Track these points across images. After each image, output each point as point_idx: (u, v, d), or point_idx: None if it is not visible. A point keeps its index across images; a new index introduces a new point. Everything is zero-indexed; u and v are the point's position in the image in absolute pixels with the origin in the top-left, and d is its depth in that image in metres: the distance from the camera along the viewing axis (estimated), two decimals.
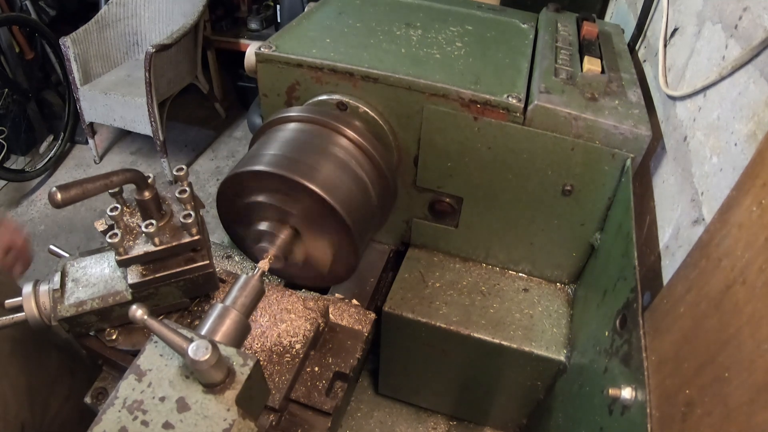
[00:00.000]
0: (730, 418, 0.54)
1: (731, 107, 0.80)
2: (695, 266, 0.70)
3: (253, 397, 0.64)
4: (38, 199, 2.96)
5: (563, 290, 1.30)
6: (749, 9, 0.80)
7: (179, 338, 0.60)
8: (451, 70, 1.11)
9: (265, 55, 1.13)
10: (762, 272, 0.55)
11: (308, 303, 0.98)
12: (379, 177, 1.06)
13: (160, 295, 0.86)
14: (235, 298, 0.77)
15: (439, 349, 1.26)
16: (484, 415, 1.48)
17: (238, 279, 0.80)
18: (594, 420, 0.85)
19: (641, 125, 0.99)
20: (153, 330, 0.61)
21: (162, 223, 0.81)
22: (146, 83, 2.60)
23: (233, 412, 0.59)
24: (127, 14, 3.11)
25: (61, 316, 0.82)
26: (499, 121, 1.05)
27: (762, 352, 0.52)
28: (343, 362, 0.93)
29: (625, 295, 0.83)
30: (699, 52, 0.98)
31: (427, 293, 1.26)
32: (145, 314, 0.62)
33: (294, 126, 1.05)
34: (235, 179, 0.96)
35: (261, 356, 0.90)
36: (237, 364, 0.63)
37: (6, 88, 2.86)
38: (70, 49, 2.75)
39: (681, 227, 0.89)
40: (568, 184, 1.09)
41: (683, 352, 0.67)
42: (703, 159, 0.86)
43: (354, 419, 1.51)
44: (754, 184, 0.60)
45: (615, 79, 1.13)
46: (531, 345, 1.16)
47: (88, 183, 0.70)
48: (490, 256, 1.32)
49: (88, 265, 0.88)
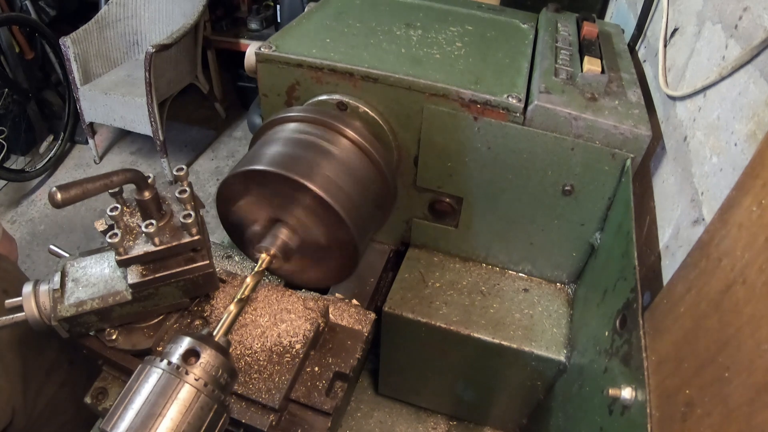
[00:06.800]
0: (730, 418, 0.54)
1: (731, 107, 0.80)
2: (695, 266, 0.70)
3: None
4: (38, 199, 2.96)
5: (563, 290, 1.30)
6: (749, 9, 0.80)
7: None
8: (451, 70, 1.11)
9: (265, 55, 1.13)
10: (762, 272, 0.55)
11: (308, 303, 0.98)
12: (379, 177, 1.06)
13: (160, 295, 0.86)
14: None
15: (439, 349, 1.26)
16: (484, 415, 1.48)
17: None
18: (594, 420, 0.85)
19: (641, 125, 0.99)
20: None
21: (162, 223, 0.81)
22: (146, 83, 2.60)
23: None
24: (127, 14, 3.11)
25: (61, 316, 0.82)
26: (499, 121, 1.05)
27: (762, 352, 0.52)
28: (343, 362, 0.93)
29: (625, 295, 0.83)
30: (699, 52, 0.98)
31: (427, 293, 1.26)
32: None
33: (294, 126, 1.05)
34: (236, 179, 0.96)
35: (261, 356, 0.90)
36: None
37: (6, 88, 2.86)
38: (70, 49, 2.75)
39: (681, 227, 0.89)
40: (568, 184, 1.09)
41: (683, 352, 0.67)
42: (703, 159, 0.86)
43: (354, 419, 1.51)
44: (754, 184, 0.60)
45: (615, 79, 1.13)
46: (531, 345, 1.16)
47: (88, 183, 0.70)
48: (490, 256, 1.32)
49: (88, 265, 0.88)
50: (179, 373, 0.67)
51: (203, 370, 0.69)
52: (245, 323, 0.94)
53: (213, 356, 0.70)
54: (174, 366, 0.67)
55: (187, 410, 0.65)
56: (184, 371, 0.67)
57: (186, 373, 0.67)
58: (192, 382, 0.67)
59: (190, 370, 0.68)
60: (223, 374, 0.71)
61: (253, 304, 0.97)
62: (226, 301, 0.98)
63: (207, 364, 0.69)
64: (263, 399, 0.84)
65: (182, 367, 0.68)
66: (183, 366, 0.68)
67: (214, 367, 0.70)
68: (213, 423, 0.69)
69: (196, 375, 0.68)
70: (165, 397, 0.65)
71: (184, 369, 0.68)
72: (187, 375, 0.67)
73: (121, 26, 3.12)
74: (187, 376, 0.67)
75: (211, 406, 0.68)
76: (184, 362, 0.68)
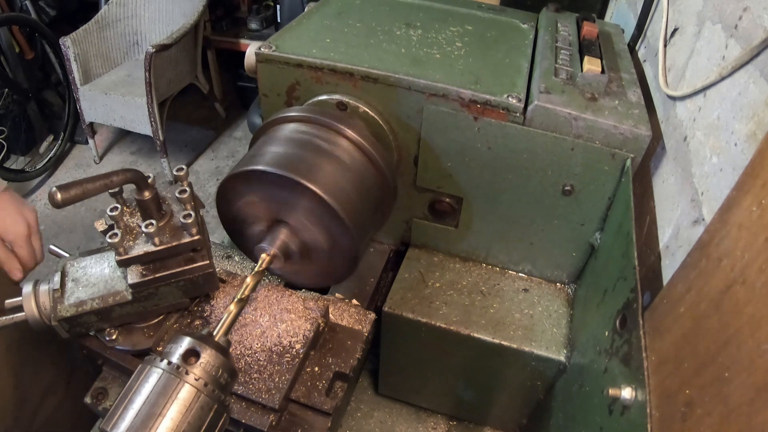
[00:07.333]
0: (730, 418, 0.54)
1: (731, 107, 0.80)
2: (695, 266, 0.70)
3: None
4: (38, 199, 2.96)
5: (563, 290, 1.30)
6: (749, 9, 0.80)
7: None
8: (451, 70, 1.11)
9: (265, 55, 1.13)
10: (762, 272, 0.55)
11: (308, 303, 0.98)
12: (379, 177, 1.06)
13: (160, 295, 0.86)
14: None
15: (439, 349, 1.26)
16: (484, 415, 1.48)
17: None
18: (594, 420, 0.85)
19: (641, 125, 0.99)
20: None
21: (162, 223, 0.81)
22: (146, 83, 2.60)
23: None
24: (127, 14, 3.12)
25: (61, 316, 0.82)
26: (499, 121, 1.05)
27: (762, 352, 0.52)
28: (343, 362, 0.93)
29: (625, 295, 0.83)
30: (699, 52, 0.99)
31: (427, 293, 1.26)
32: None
33: (294, 126, 1.05)
34: (235, 179, 0.96)
35: (261, 356, 0.90)
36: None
37: (6, 88, 2.86)
38: (70, 49, 2.75)
39: (681, 227, 0.89)
40: (568, 184, 1.09)
41: (683, 352, 0.67)
42: (703, 159, 0.86)
43: (354, 419, 1.51)
44: (754, 184, 0.60)
45: (615, 79, 1.13)
46: (531, 345, 1.16)
47: (88, 183, 0.70)
48: (490, 256, 1.32)
49: (88, 265, 0.88)
50: (179, 373, 0.67)
51: (203, 370, 0.69)
52: (245, 323, 0.94)
53: (213, 356, 0.70)
54: (174, 366, 0.67)
55: (187, 410, 0.65)
56: (184, 371, 0.67)
57: (186, 373, 0.67)
58: (192, 382, 0.67)
59: (190, 370, 0.68)
60: (223, 374, 0.71)
61: (253, 304, 0.97)
62: (226, 301, 0.98)
63: (207, 364, 0.69)
64: (263, 399, 0.84)
65: (182, 367, 0.68)
66: (183, 366, 0.68)
67: (214, 367, 0.70)
68: (213, 423, 0.69)
69: (196, 375, 0.68)
70: (165, 397, 0.65)
71: (184, 369, 0.68)
72: (187, 375, 0.67)
73: (121, 26, 3.12)
74: (187, 376, 0.67)
75: (211, 406, 0.68)
76: (184, 362, 0.68)
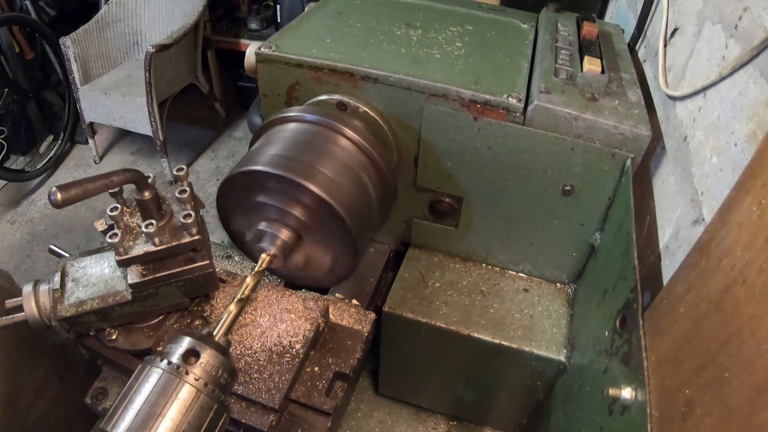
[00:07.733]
0: (730, 418, 0.54)
1: (731, 107, 0.80)
2: (695, 266, 0.70)
3: None
4: (38, 199, 2.95)
5: (563, 290, 1.30)
6: (749, 9, 0.80)
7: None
8: (451, 70, 1.11)
9: (265, 55, 1.13)
10: (762, 272, 0.55)
11: (308, 303, 0.98)
12: (379, 177, 1.06)
13: (160, 295, 0.86)
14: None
15: (439, 349, 1.26)
16: (484, 415, 1.48)
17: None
18: (594, 420, 0.85)
19: (641, 125, 0.99)
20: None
21: (162, 223, 0.81)
22: (146, 83, 2.60)
23: None
24: (127, 14, 3.11)
25: (61, 316, 0.82)
26: (499, 121, 1.05)
27: (762, 352, 0.52)
28: (343, 362, 0.93)
29: (625, 295, 0.83)
30: (699, 52, 0.98)
31: (427, 293, 1.26)
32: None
33: (294, 126, 1.05)
34: (235, 179, 0.96)
35: (261, 356, 0.90)
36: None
37: (6, 88, 2.86)
38: (70, 49, 2.75)
39: (681, 227, 0.89)
40: (568, 184, 1.09)
41: (683, 352, 0.67)
42: (703, 159, 0.86)
43: (354, 419, 1.51)
44: (754, 184, 0.60)
45: (615, 79, 1.13)
46: (531, 345, 1.16)
47: (88, 183, 0.70)
48: (490, 256, 1.32)
49: (88, 265, 0.88)
50: (179, 373, 0.67)
51: (203, 370, 0.69)
52: (245, 323, 0.94)
53: (213, 356, 0.70)
54: (174, 366, 0.67)
55: (187, 410, 0.65)
56: (184, 371, 0.67)
57: (186, 373, 0.67)
58: (192, 382, 0.67)
59: (190, 370, 0.68)
60: (223, 374, 0.71)
61: (253, 304, 0.97)
62: (226, 301, 0.98)
63: (207, 364, 0.69)
64: (263, 399, 0.84)
65: (182, 367, 0.68)
66: (183, 366, 0.68)
67: (214, 367, 0.70)
68: (213, 423, 0.69)
69: (196, 375, 0.68)
70: (165, 397, 0.65)
71: (184, 369, 0.68)
72: (187, 375, 0.67)
73: (121, 26, 3.11)
74: (187, 376, 0.67)
75: (211, 406, 0.68)
76: (184, 362, 0.68)
